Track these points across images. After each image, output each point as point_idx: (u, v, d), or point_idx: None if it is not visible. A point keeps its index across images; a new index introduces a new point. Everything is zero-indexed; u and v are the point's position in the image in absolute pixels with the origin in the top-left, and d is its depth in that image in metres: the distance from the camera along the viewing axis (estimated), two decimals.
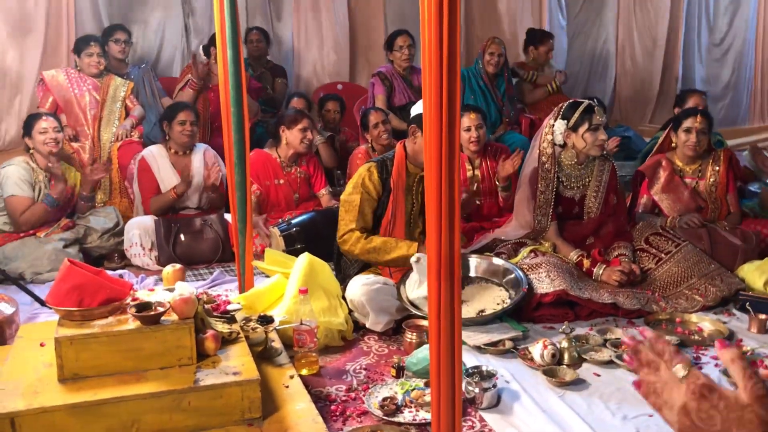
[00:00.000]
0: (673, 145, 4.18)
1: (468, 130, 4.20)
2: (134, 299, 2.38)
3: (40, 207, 4.10)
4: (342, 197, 3.47)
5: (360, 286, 3.20)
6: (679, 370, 0.99)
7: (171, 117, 4.52)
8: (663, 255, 3.68)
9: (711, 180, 4.09)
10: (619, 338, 3.08)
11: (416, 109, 3.49)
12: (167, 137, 4.56)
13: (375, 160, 3.48)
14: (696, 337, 3.17)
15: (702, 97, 4.89)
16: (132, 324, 2.28)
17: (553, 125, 3.69)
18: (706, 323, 3.29)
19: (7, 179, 4.06)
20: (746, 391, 0.92)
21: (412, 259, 3.22)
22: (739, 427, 0.90)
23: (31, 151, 4.17)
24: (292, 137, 4.52)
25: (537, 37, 6.14)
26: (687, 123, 4.05)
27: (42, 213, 4.10)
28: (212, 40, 5.05)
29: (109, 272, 3.46)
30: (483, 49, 5.56)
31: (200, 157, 4.61)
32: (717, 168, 4.10)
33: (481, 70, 5.51)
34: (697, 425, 0.94)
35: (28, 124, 4.19)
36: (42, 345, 2.45)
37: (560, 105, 3.76)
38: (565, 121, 3.63)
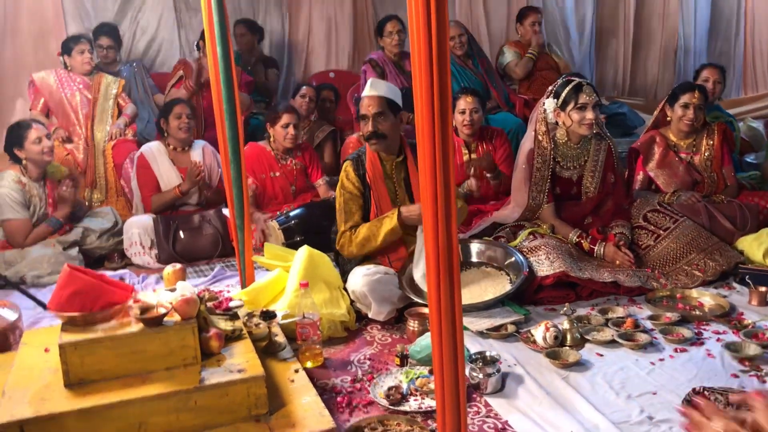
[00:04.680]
0: (669, 119, 4.17)
1: (462, 113, 4.20)
2: (136, 301, 2.39)
3: (43, 229, 4.07)
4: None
5: (361, 276, 3.21)
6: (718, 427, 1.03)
7: (167, 112, 4.55)
8: (661, 231, 3.69)
9: (706, 154, 4.09)
10: (620, 317, 3.10)
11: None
12: (166, 134, 4.57)
13: (350, 158, 3.45)
14: (697, 312, 3.18)
15: (716, 71, 4.81)
16: (135, 327, 2.28)
17: (545, 103, 3.68)
18: (706, 298, 3.31)
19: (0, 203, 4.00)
20: None
21: (418, 231, 3.20)
22: None
23: (24, 162, 4.09)
24: (276, 133, 4.55)
25: (522, 13, 6.08)
26: (684, 98, 4.03)
27: (46, 233, 4.08)
28: (203, 35, 5.01)
29: (110, 274, 3.50)
30: None
31: (200, 153, 4.62)
32: (711, 142, 4.10)
33: (451, 56, 5.47)
34: None
35: (17, 134, 4.05)
36: (46, 351, 2.46)
37: (555, 83, 3.75)
38: (555, 99, 3.63)
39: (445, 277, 1.83)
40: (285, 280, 3.26)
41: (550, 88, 3.75)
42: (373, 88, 3.33)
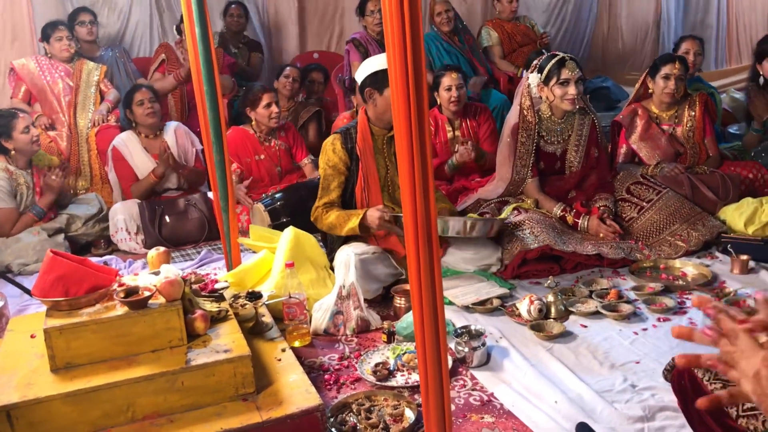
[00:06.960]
0: (650, 91, 4.18)
1: (449, 89, 4.19)
2: (120, 285, 2.39)
3: (29, 218, 4.06)
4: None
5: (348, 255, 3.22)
6: (761, 336, 0.96)
7: (129, 101, 4.53)
8: (644, 203, 3.71)
9: (688, 125, 4.11)
10: (604, 288, 3.13)
11: (363, 72, 3.32)
12: (134, 123, 4.55)
13: (339, 131, 3.42)
14: (680, 282, 3.22)
15: (696, 42, 4.84)
16: (120, 310, 2.28)
17: (529, 77, 3.69)
18: (689, 268, 3.34)
19: None
20: None
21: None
22: None
23: (12, 153, 4.06)
24: (260, 116, 4.51)
25: None
26: (665, 70, 4.04)
27: (31, 222, 4.08)
28: (183, 18, 4.97)
29: (95, 259, 3.49)
30: (431, 13, 5.50)
31: (171, 135, 4.60)
32: (693, 113, 4.11)
33: (438, 33, 5.46)
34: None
35: (4, 124, 3.99)
36: (32, 336, 2.46)
37: (539, 58, 3.75)
38: (539, 75, 3.63)
39: (425, 251, 1.84)
40: (271, 261, 3.27)
41: (534, 62, 3.74)
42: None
